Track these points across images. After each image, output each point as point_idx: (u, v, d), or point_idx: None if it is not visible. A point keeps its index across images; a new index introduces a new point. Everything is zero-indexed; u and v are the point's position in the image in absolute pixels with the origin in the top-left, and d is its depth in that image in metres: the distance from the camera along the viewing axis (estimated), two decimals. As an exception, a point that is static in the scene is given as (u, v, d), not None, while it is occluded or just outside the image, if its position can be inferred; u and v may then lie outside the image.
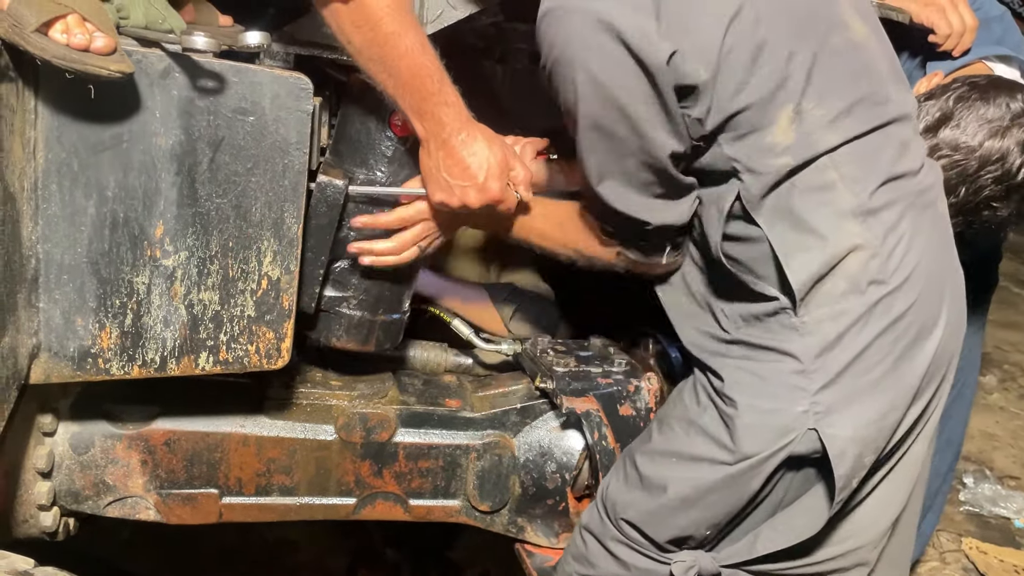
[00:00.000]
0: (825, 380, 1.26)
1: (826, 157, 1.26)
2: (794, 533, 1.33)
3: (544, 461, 1.67)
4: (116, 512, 1.53)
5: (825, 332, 1.26)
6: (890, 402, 1.28)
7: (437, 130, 1.30)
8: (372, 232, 1.45)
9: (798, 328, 1.27)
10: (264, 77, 1.24)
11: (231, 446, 1.54)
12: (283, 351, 1.37)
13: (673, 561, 1.38)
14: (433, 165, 1.33)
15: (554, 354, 1.72)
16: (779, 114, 1.24)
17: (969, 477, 3.49)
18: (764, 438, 1.28)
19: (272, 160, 1.27)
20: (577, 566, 1.49)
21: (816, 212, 1.26)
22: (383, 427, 1.60)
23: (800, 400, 1.26)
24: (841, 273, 1.26)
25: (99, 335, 1.28)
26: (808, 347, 1.26)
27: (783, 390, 1.27)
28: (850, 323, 1.26)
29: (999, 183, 1.55)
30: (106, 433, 1.49)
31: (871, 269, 1.26)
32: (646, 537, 1.39)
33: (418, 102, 1.28)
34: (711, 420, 1.34)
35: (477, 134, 1.32)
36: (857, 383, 1.26)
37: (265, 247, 1.30)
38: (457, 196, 1.34)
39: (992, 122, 1.53)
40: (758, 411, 1.28)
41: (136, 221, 1.24)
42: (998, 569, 2.91)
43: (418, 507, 1.66)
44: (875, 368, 1.27)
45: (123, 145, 1.21)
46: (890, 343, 1.27)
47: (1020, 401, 4.38)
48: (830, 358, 1.26)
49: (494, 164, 1.32)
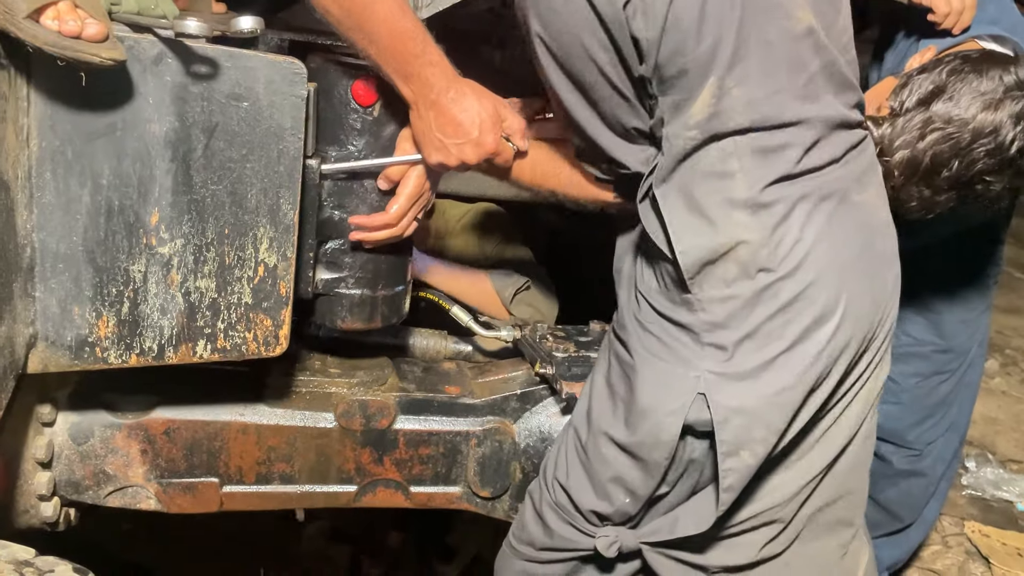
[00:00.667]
0: (716, 354, 1.30)
1: (731, 140, 1.28)
2: (706, 518, 1.36)
3: (545, 447, 1.66)
4: (117, 502, 1.53)
5: (715, 312, 1.30)
6: (785, 381, 1.29)
7: (425, 91, 1.29)
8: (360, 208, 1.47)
9: (692, 304, 1.31)
10: (258, 62, 1.23)
11: (231, 435, 1.53)
12: (281, 338, 1.36)
13: (597, 535, 1.42)
14: (425, 127, 1.32)
15: (553, 340, 1.72)
16: (704, 86, 1.26)
17: (972, 461, 3.50)
18: (659, 395, 1.32)
19: (267, 146, 1.26)
20: (514, 528, 1.58)
21: (710, 198, 1.29)
22: (383, 414, 1.59)
23: (693, 366, 1.30)
24: (732, 259, 1.29)
25: (96, 324, 1.27)
26: (700, 322, 1.31)
27: (680, 356, 1.32)
28: (740, 306, 1.29)
29: (992, 156, 1.54)
30: (105, 423, 1.49)
31: (760, 257, 1.28)
32: (572, 503, 1.43)
33: (402, 65, 1.27)
34: (617, 379, 1.40)
35: (466, 90, 1.32)
36: (747, 360, 1.29)
37: (261, 234, 1.30)
38: (454, 154, 1.33)
39: (985, 95, 1.53)
40: (657, 369, 1.33)
41: (131, 209, 1.24)
42: (1001, 552, 2.91)
43: (419, 494, 1.66)
44: (767, 348, 1.29)
45: (117, 132, 1.20)
46: (780, 326, 1.29)
47: (1022, 386, 4.38)
48: (722, 335, 1.30)
49: (487, 117, 1.32)
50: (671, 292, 1.35)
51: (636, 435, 1.34)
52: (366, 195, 1.45)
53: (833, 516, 1.47)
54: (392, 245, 1.50)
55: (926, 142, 1.53)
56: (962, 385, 2.31)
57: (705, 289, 1.30)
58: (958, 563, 2.85)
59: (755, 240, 1.28)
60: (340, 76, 1.39)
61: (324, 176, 1.41)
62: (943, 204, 1.61)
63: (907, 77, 1.59)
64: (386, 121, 1.42)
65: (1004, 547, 2.94)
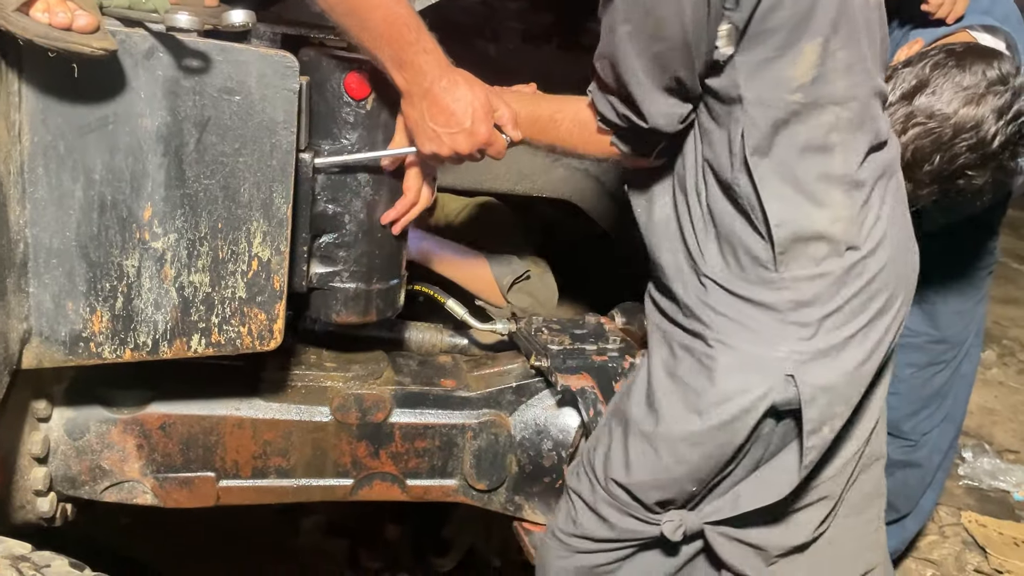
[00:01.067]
0: (803, 332, 1.30)
1: (832, 110, 1.26)
2: (776, 489, 1.37)
3: (540, 439, 1.67)
4: (113, 497, 1.53)
5: (802, 290, 1.30)
6: (863, 355, 1.34)
7: (419, 79, 1.29)
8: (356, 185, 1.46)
9: (775, 282, 1.30)
10: (250, 56, 1.23)
11: (227, 429, 1.54)
12: (275, 332, 1.36)
13: (662, 521, 1.41)
14: (418, 116, 1.32)
15: (548, 332, 1.72)
16: (807, 46, 1.22)
17: (968, 451, 3.50)
18: (743, 380, 1.31)
19: (259, 140, 1.26)
20: (560, 523, 1.53)
21: (810, 173, 1.28)
22: (379, 408, 1.59)
23: (780, 346, 1.30)
24: (825, 237, 1.30)
25: (90, 319, 1.27)
26: (784, 301, 1.30)
27: (763, 337, 1.31)
28: (829, 284, 1.30)
29: (974, 151, 1.55)
30: (101, 418, 1.49)
31: (850, 235, 1.31)
32: (634, 498, 1.41)
33: (396, 52, 1.27)
34: (688, 370, 1.36)
35: (459, 79, 1.32)
36: (832, 337, 1.31)
37: (255, 228, 1.29)
38: (447, 144, 1.33)
39: (968, 89, 1.52)
40: (738, 354, 1.31)
41: (124, 203, 1.23)
42: (997, 542, 2.92)
43: (415, 487, 1.66)
44: (849, 324, 1.32)
45: (109, 127, 1.20)
46: (863, 303, 1.32)
47: (1019, 376, 4.39)
48: (806, 313, 1.30)
49: (479, 107, 1.32)
50: (748, 272, 1.32)
51: (715, 423, 1.32)
52: (360, 189, 1.45)
53: (869, 487, 1.49)
54: (384, 238, 1.50)
55: (908, 136, 1.53)
56: (958, 376, 2.31)
57: (792, 268, 1.29)
58: (955, 553, 2.86)
59: (847, 218, 1.30)
60: (333, 69, 1.38)
61: (317, 170, 1.41)
62: (925, 198, 1.62)
63: (892, 70, 1.59)
64: (379, 114, 1.42)
65: (1001, 537, 2.95)
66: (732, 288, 1.33)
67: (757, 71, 1.24)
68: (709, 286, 1.35)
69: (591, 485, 1.47)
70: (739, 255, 1.33)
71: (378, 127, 1.43)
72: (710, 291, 1.35)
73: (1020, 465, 3.49)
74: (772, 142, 1.27)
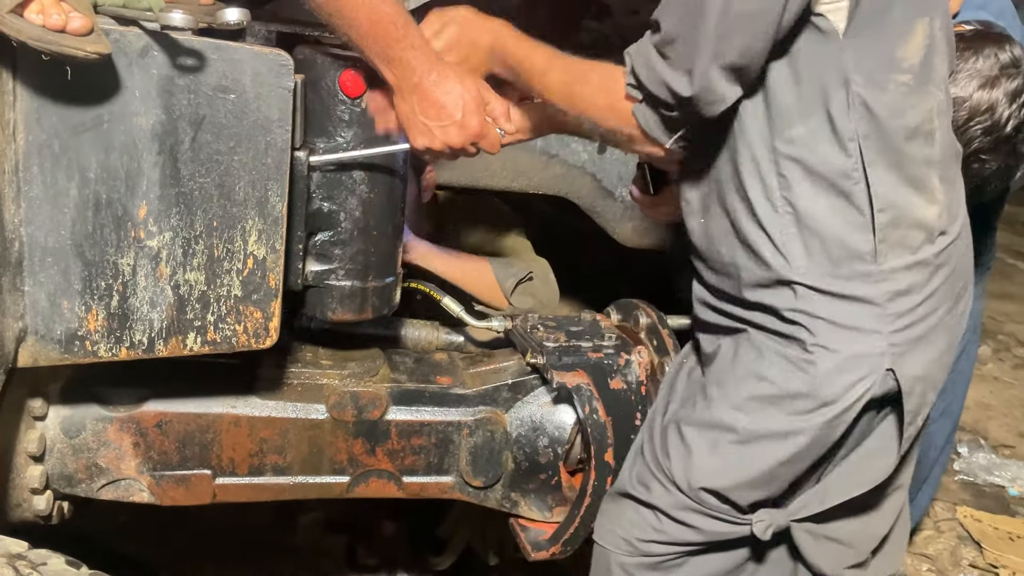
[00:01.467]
0: (899, 322, 1.27)
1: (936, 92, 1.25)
2: (866, 479, 1.35)
3: (536, 436, 1.67)
4: (110, 495, 1.53)
5: (899, 280, 1.26)
6: (948, 341, 1.33)
7: (408, 74, 1.29)
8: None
9: (873, 275, 1.25)
10: (244, 54, 1.23)
11: (223, 427, 1.54)
12: (271, 330, 1.36)
13: (753, 521, 1.36)
14: (409, 110, 1.33)
15: (544, 329, 1.72)
16: (917, 24, 1.20)
17: (964, 446, 3.51)
18: (845, 382, 1.27)
19: (254, 138, 1.26)
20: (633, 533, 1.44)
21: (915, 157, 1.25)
22: (375, 405, 1.60)
23: (878, 342, 1.26)
24: (922, 223, 1.27)
25: (86, 317, 1.27)
26: (881, 292, 1.26)
27: (862, 334, 1.26)
28: (925, 271, 1.28)
29: (988, 134, 1.57)
30: (97, 416, 1.49)
31: (942, 221, 1.29)
32: (728, 502, 1.36)
33: (384, 49, 1.27)
34: (782, 374, 1.29)
35: (448, 72, 1.32)
36: (924, 324, 1.29)
37: (250, 226, 1.30)
38: (439, 138, 1.33)
39: (982, 72, 1.55)
40: (838, 356, 1.26)
41: (119, 202, 1.24)
42: (993, 537, 2.93)
43: (412, 484, 1.66)
44: (939, 310, 1.30)
45: (104, 125, 1.20)
46: (949, 287, 1.31)
47: (1014, 371, 4.40)
48: (902, 303, 1.27)
49: (470, 100, 1.32)
50: (842, 267, 1.25)
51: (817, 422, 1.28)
52: (355, 186, 1.45)
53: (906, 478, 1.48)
54: (380, 236, 1.50)
55: None
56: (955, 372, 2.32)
57: (890, 259, 1.25)
58: (950, 548, 2.87)
59: (943, 203, 1.29)
60: (328, 67, 1.39)
61: (312, 168, 1.41)
62: None
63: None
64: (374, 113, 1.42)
65: (996, 531, 2.96)
66: (824, 287, 1.26)
67: (867, 51, 1.19)
68: (799, 289, 1.27)
69: (668, 493, 1.39)
70: (831, 251, 1.25)
71: (371, 126, 1.43)
72: (800, 294, 1.27)
73: (1015, 460, 3.50)
74: (882, 127, 1.22)
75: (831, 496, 1.35)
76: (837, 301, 1.26)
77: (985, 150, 1.59)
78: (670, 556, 1.42)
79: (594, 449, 1.59)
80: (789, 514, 1.37)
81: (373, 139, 1.43)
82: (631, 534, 1.44)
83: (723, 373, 1.37)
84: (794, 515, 1.37)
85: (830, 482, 1.36)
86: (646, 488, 1.43)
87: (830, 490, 1.36)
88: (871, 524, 1.43)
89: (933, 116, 1.25)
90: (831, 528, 1.39)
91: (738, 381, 1.34)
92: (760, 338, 1.32)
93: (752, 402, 1.32)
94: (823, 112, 1.22)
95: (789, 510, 1.38)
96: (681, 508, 1.38)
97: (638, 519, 1.43)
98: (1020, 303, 5.45)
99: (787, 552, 1.43)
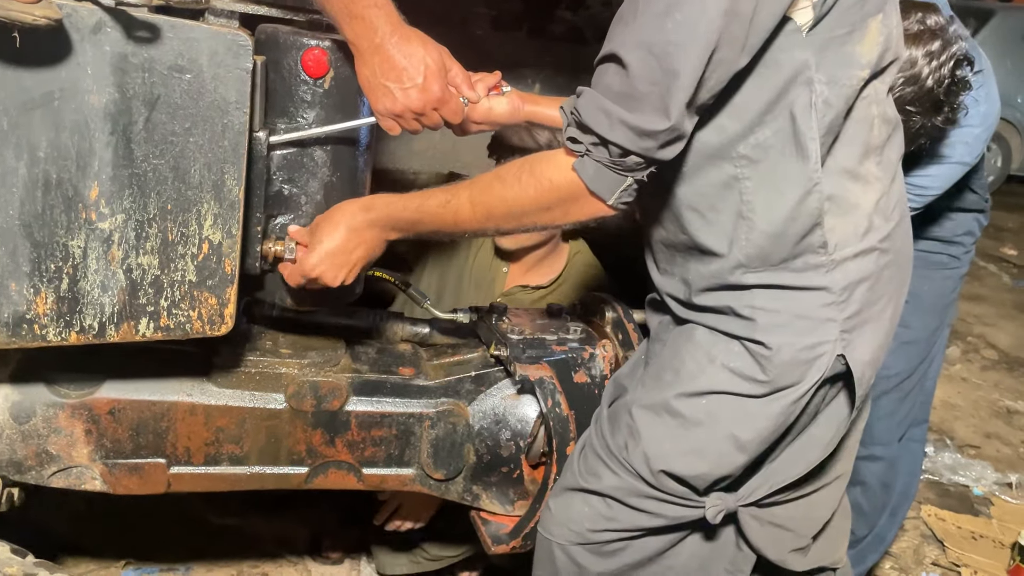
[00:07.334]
0: (849, 308, 1.28)
1: (875, 83, 1.26)
2: (806, 460, 1.37)
3: (499, 429, 1.66)
4: (61, 482, 1.50)
5: (849, 269, 1.28)
6: (890, 323, 1.35)
7: (369, 34, 1.27)
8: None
9: (825, 266, 1.26)
10: (201, 33, 1.20)
11: (178, 415, 1.51)
12: (226, 317, 1.34)
13: (707, 506, 1.37)
14: (369, 73, 1.30)
15: (509, 322, 1.71)
16: (871, 22, 1.21)
17: (930, 446, 3.54)
18: (801, 370, 1.28)
19: (211, 120, 1.23)
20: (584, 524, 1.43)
21: (857, 149, 1.26)
22: (334, 395, 1.57)
23: (832, 330, 1.28)
24: (865, 210, 1.28)
25: (34, 300, 1.24)
26: (832, 280, 1.27)
27: (816, 323, 1.27)
28: (870, 257, 1.29)
29: (909, 84, 1.70)
30: (48, 402, 1.46)
31: (882, 206, 1.30)
32: (688, 486, 1.36)
33: (347, 4, 1.25)
34: (741, 364, 1.30)
35: (411, 35, 1.30)
36: (873, 311, 1.31)
37: (205, 210, 1.27)
38: (400, 100, 1.31)
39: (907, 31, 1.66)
40: (794, 347, 1.27)
41: (70, 182, 1.20)
42: (956, 535, 2.95)
43: (372, 476, 1.64)
44: (883, 296, 1.32)
45: (55, 103, 1.17)
46: (892, 273, 1.33)
47: (982, 372, 4.44)
48: (854, 288, 1.28)
49: (431, 63, 1.30)
50: (795, 260, 1.26)
51: (775, 411, 1.30)
52: (316, 169, 1.43)
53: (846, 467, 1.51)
54: None
55: None
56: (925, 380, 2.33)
57: (839, 247, 1.26)
58: (913, 546, 2.89)
59: (883, 189, 1.30)
60: (290, 47, 1.36)
61: (272, 147, 1.38)
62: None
63: None
64: (338, 94, 1.40)
65: (959, 531, 2.99)
66: (778, 281, 1.27)
67: (827, 50, 1.19)
68: (752, 283, 1.28)
69: (620, 479, 1.39)
70: (784, 245, 1.25)
71: (336, 106, 1.40)
72: (753, 288, 1.28)
73: (980, 460, 3.53)
74: (843, 121, 1.23)
75: (776, 478, 1.38)
76: (791, 293, 1.27)
77: (908, 101, 1.72)
78: (614, 540, 1.43)
79: (556, 443, 1.57)
80: (739, 498, 1.39)
81: (335, 119, 1.41)
82: (581, 526, 1.43)
83: (678, 360, 1.37)
84: (743, 500, 1.39)
85: (776, 466, 1.39)
86: (596, 477, 1.42)
87: (775, 473, 1.38)
88: (813, 509, 1.46)
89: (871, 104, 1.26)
90: (776, 513, 1.42)
91: (694, 367, 1.34)
92: (717, 328, 1.33)
93: (709, 389, 1.33)
94: (786, 114, 1.21)
95: (739, 495, 1.40)
96: (635, 495, 1.39)
97: (588, 511, 1.43)
98: (990, 305, 5.52)
99: (730, 533, 1.46)
